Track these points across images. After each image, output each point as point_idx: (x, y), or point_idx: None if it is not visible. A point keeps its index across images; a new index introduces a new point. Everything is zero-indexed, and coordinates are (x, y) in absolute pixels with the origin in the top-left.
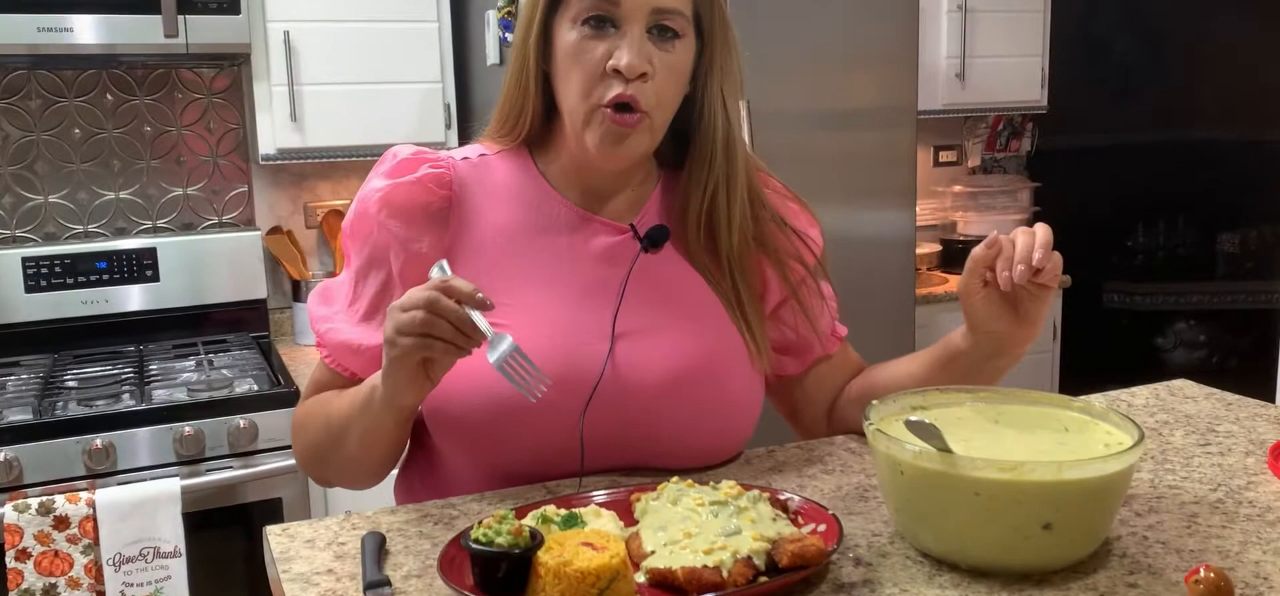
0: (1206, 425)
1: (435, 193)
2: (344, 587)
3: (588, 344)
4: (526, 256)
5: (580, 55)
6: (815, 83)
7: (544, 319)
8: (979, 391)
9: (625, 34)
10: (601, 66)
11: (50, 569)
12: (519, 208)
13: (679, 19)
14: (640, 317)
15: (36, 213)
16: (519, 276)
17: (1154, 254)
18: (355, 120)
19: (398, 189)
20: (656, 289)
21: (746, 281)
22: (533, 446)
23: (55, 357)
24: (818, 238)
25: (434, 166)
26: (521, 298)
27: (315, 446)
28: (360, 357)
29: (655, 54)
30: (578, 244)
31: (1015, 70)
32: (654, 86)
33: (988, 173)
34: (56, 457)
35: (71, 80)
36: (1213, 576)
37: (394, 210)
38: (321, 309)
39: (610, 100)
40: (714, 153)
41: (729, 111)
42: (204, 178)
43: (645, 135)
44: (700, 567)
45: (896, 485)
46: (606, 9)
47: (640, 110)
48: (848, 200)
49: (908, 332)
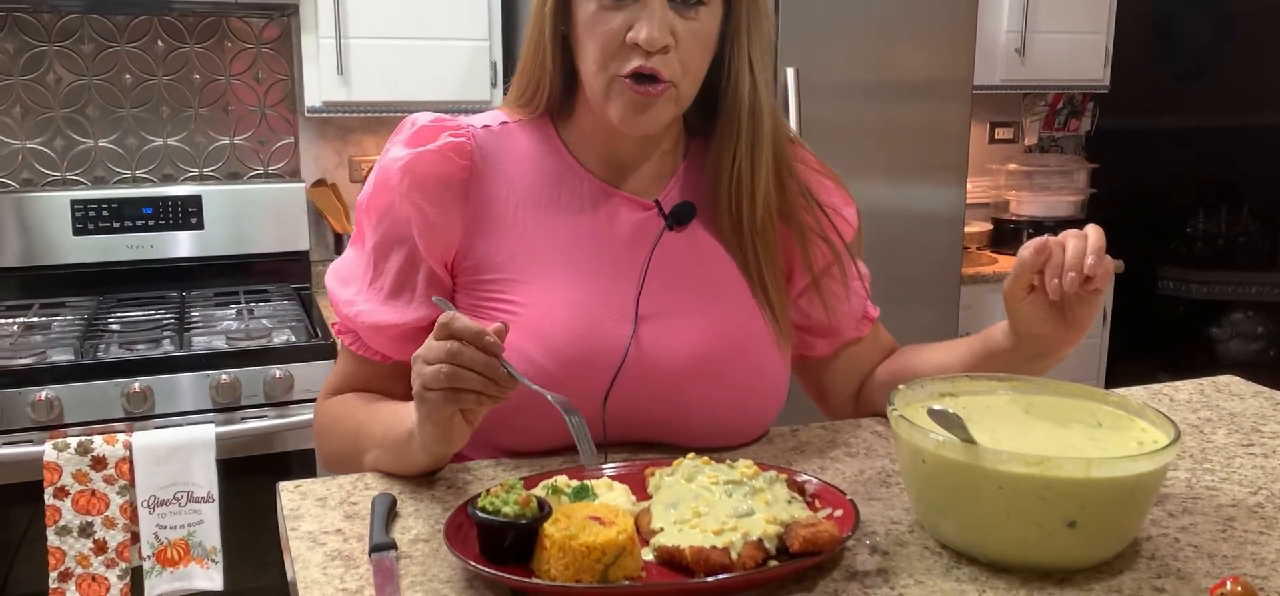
0: (1251, 424)
1: (456, 163)
2: (350, 548)
3: (611, 325)
4: (548, 233)
5: (598, 26)
6: (867, 52)
7: (565, 298)
8: (1011, 379)
9: (645, 4)
10: (620, 37)
11: (87, 507)
12: (540, 181)
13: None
14: (665, 298)
15: (86, 156)
16: (540, 253)
17: (1213, 241)
18: (402, 75)
19: (420, 159)
20: (682, 267)
21: (770, 258)
22: (554, 432)
23: (99, 300)
24: (852, 217)
25: (455, 135)
26: (543, 275)
27: (342, 457)
28: (385, 336)
29: (677, 23)
30: (601, 221)
31: (1078, 47)
32: (677, 56)
33: (1044, 152)
34: (96, 399)
35: (124, 26)
36: (1239, 590)
37: (416, 181)
38: (343, 291)
39: (630, 72)
40: (741, 118)
41: (757, 75)
42: (251, 128)
43: (670, 104)
44: (708, 548)
45: (918, 474)
46: None
47: (664, 80)
48: (895, 174)
49: (952, 312)
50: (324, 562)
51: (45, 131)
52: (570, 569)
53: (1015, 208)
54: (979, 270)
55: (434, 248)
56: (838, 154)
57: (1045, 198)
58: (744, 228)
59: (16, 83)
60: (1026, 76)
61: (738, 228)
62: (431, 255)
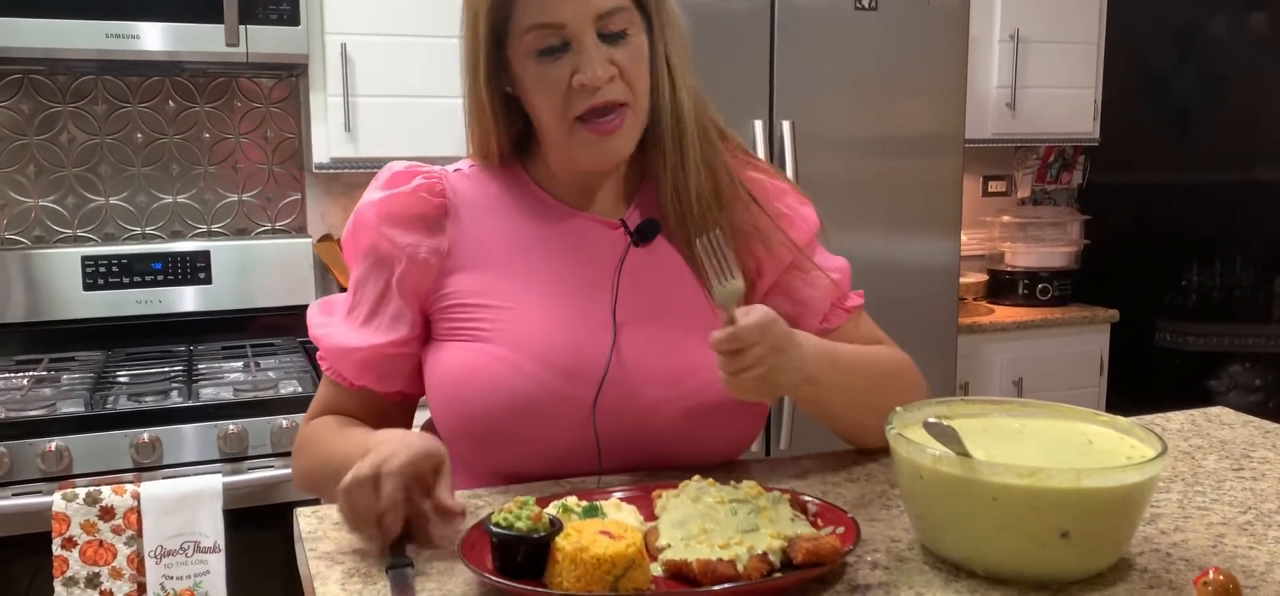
0: (1241, 451)
1: (429, 201)
2: (367, 567)
3: (592, 334)
4: (523, 255)
5: (545, 83)
6: (862, 108)
7: (546, 313)
8: (1005, 402)
9: (579, 49)
10: (566, 85)
11: (94, 558)
12: (512, 211)
13: (620, 16)
14: (637, 311)
15: (97, 213)
16: (517, 275)
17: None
18: (408, 132)
19: (392, 200)
20: (649, 283)
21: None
22: (546, 446)
23: (108, 354)
24: (810, 215)
25: (427, 178)
26: (523, 296)
27: (311, 477)
28: (352, 361)
29: (613, 52)
30: (572, 243)
31: (1068, 101)
32: (626, 80)
33: (1037, 204)
34: (105, 450)
35: (136, 86)
36: (1222, 578)
37: (392, 219)
38: (320, 317)
39: (585, 112)
40: (665, 120)
41: (676, 76)
42: (259, 184)
43: (631, 127)
44: (715, 560)
45: (917, 490)
46: (552, 37)
47: (618, 105)
48: (891, 227)
49: (950, 361)
50: (342, 580)
51: (58, 189)
52: (582, 581)
53: (1010, 259)
54: (976, 320)
55: (409, 281)
56: (833, 207)
57: (1039, 249)
58: (691, 235)
59: (31, 142)
60: (1017, 130)
61: (689, 239)
62: (404, 288)
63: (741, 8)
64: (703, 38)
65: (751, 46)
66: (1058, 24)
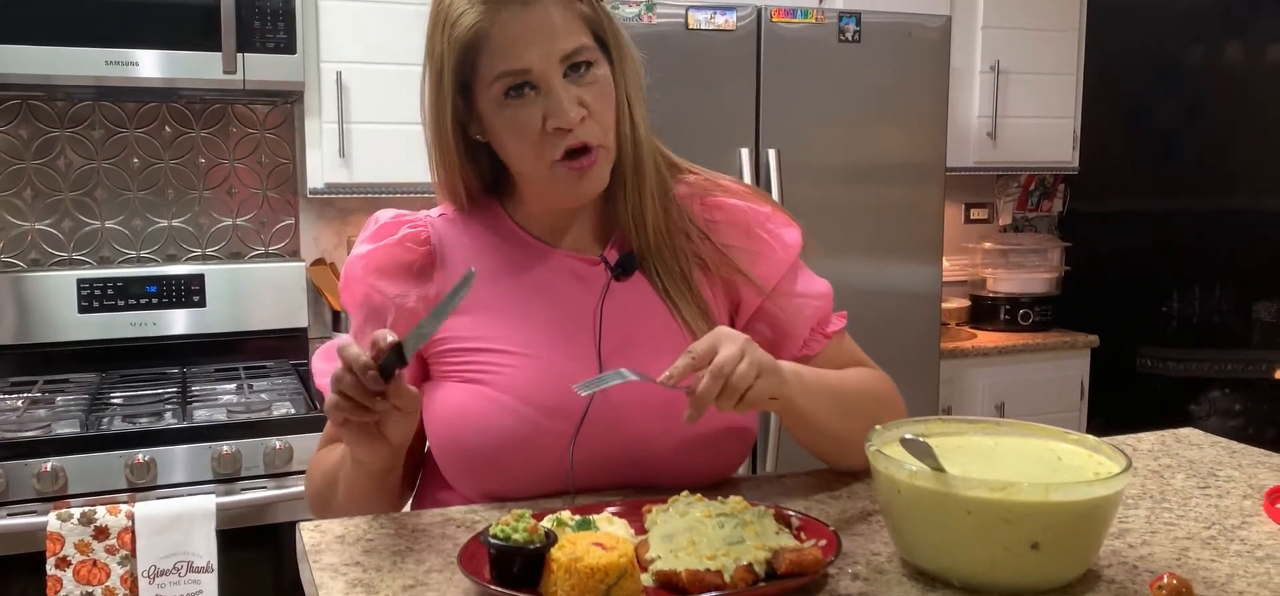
0: (1208, 470)
1: (416, 251)
2: (370, 578)
3: (578, 372)
4: (508, 297)
5: (517, 128)
6: (846, 136)
7: (532, 353)
8: (981, 422)
9: (548, 91)
10: (540, 128)
11: (88, 578)
12: (495, 254)
13: (586, 51)
14: (620, 345)
15: (93, 237)
16: (504, 319)
17: (1188, 320)
18: (400, 158)
19: (380, 252)
20: (631, 316)
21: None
22: (537, 477)
23: (103, 376)
24: (793, 238)
25: (413, 227)
26: (509, 338)
27: (318, 494)
28: None
29: (581, 92)
30: (554, 279)
31: (1047, 131)
32: (595, 118)
33: (1019, 231)
34: (100, 470)
35: (133, 112)
36: (1175, 582)
37: (380, 271)
38: (322, 365)
39: (563, 154)
40: (624, 149)
41: (634, 112)
42: (253, 209)
43: (604, 165)
44: (703, 570)
45: (894, 504)
46: (521, 79)
47: (593, 146)
48: (875, 253)
49: (933, 386)
50: (346, 589)
51: (54, 213)
52: (576, 590)
53: (992, 285)
54: (958, 345)
55: (400, 330)
56: (818, 233)
57: (1020, 275)
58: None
59: (28, 166)
60: (998, 159)
61: (655, 271)
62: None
63: (729, 39)
64: (691, 69)
65: (738, 76)
66: (1037, 56)
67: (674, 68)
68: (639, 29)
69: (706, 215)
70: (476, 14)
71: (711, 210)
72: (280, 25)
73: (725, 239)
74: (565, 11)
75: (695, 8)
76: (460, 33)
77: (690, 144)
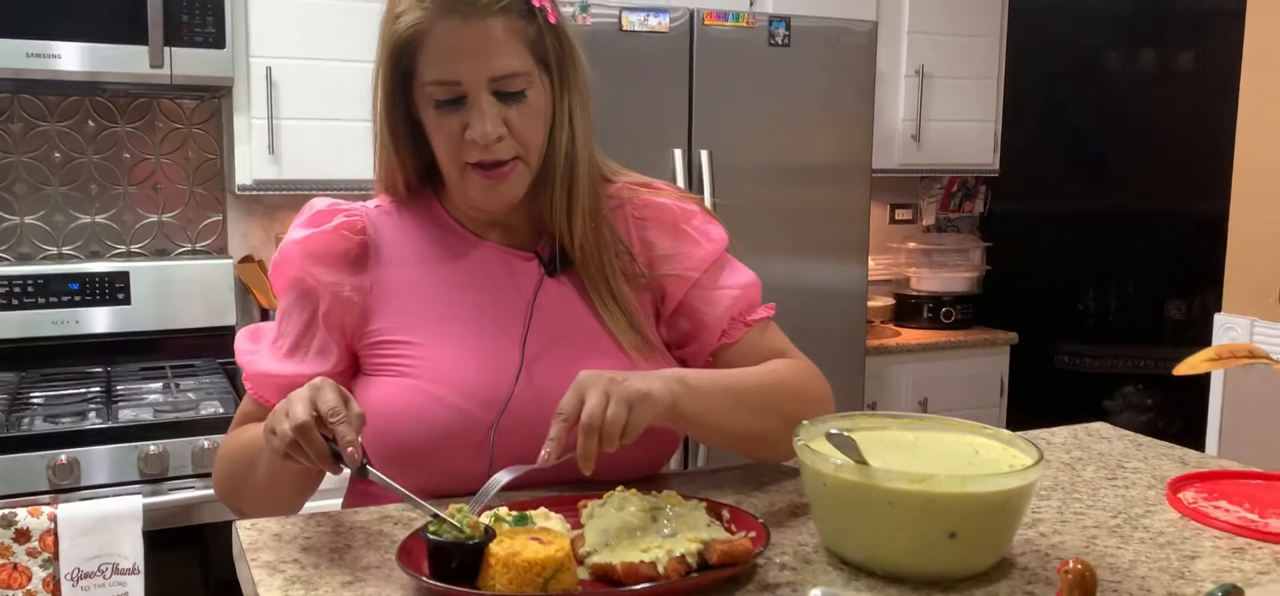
0: (1116, 462)
1: (351, 239)
2: (308, 575)
3: (501, 365)
4: (441, 288)
5: (440, 131)
6: (775, 138)
7: (465, 346)
8: (903, 417)
9: (474, 105)
10: (459, 135)
11: (8, 581)
12: (429, 244)
13: (519, 79)
14: (549, 339)
15: (12, 233)
16: (437, 309)
17: (1104, 318)
18: (331, 155)
19: (315, 238)
20: (563, 311)
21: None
22: (468, 470)
23: (23, 375)
24: (718, 234)
25: (348, 216)
26: (439, 329)
27: (230, 475)
28: (274, 386)
29: (508, 112)
30: (487, 272)
31: (969, 134)
32: (513, 137)
33: (942, 231)
34: (21, 471)
35: (54, 105)
36: (1079, 567)
37: (315, 258)
38: (247, 344)
39: (474, 162)
40: (557, 164)
41: (576, 126)
42: (179, 205)
43: (519, 178)
44: (638, 562)
45: (821, 496)
46: (450, 91)
47: (507, 160)
48: (802, 252)
49: (858, 382)
50: (284, 587)
51: None
52: (514, 584)
53: (915, 284)
54: (883, 342)
55: (334, 317)
56: (748, 232)
57: (943, 274)
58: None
59: None
60: (922, 161)
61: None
62: (330, 324)
63: (662, 40)
64: (625, 70)
65: (671, 78)
66: (960, 61)
67: (607, 68)
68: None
69: (635, 214)
70: (417, 16)
71: (640, 209)
72: (209, 19)
73: (652, 236)
74: (506, 31)
75: (629, 9)
76: (401, 29)
77: (623, 144)
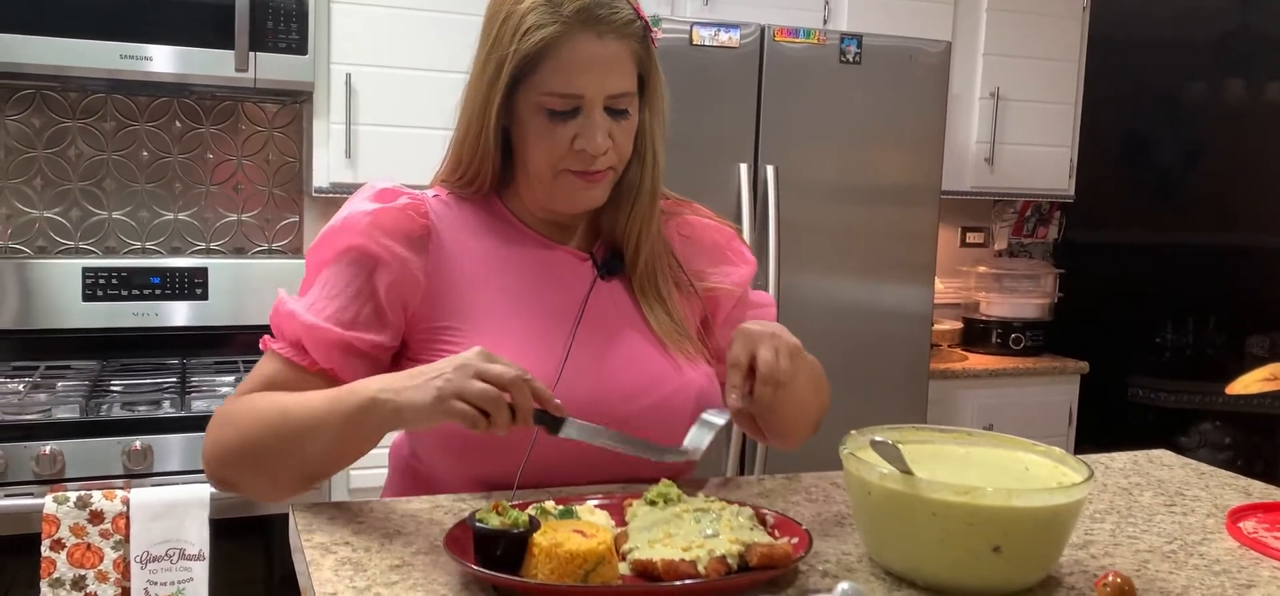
0: (1176, 489)
1: (416, 220)
2: (359, 557)
3: (553, 357)
4: (497, 280)
5: (547, 136)
6: (844, 156)
7: (514, 336)
8: (954, 431)
9: (588, 117)
10: (567, 145)
11: (81, 561)
12: (489, 238)
13: (628, 98)
14: (599, 335)
15: (99, 227)
16: (491, 300)
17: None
18: (405, 160)
19: (384, 213)
20: (614, 312)
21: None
22: (514, 460)
23: (104, 363)
24: (751, 258)
25: (412, 199)
26: (496, 321)
27: (248, 441)
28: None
29: (612, 126)
30: (543, 269)
31: (1043, 159)
32: (616, 150)
33: (1014, 256)
34: (98, 455)
35: (144, 106)
36: (1119, 581)
37: (386, 230)
38: (289, 299)
39: (577, 170)
40: (641, 188)
41: (656, 151)
42: (258, 206)
43: (607, 185)
44: (678, 560)
45: (865, 505)
46: (569, 103)
47: (604, 167)
48: (866, 271)
49: (921, 406)
50: (336, 566)
51: (62, 202)
52: (555, 574)
53: (985, 308)
54: (948, 366)
55: (398, 291)
56: (813, 250)
57: (1013, 299)
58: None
59: (39, 155)
60: (995, 184)
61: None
62: (392, 297)
63: (732, 56)
64: (694, 84)
65: (740, 93)
66: (1036, 84)
67: (676, 82)
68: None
69: (681, 231)
70: (553, 29)
71: (684, 226)
72: (293, 26)
73: (696, 252)
74: (626, 52)
75: (700, 24)
76: (531, 42)
77: (689, 158)
